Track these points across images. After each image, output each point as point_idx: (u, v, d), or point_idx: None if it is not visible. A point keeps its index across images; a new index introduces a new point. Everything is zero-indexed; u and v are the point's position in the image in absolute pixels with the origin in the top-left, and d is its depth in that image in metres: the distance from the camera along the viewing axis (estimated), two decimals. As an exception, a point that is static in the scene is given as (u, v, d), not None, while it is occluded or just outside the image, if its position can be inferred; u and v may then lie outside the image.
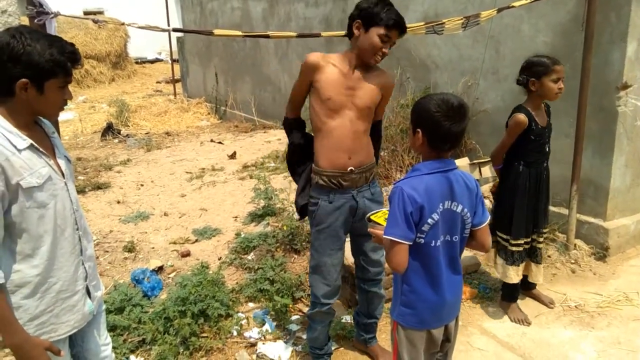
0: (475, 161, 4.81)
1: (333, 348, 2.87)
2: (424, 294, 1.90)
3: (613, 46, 3.73)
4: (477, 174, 4.75)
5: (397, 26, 2.28)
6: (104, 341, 1.97)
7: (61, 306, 1.71)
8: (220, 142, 7.58)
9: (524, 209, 3.06)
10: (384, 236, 1.81)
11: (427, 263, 1.88)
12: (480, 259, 3.80)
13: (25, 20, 2.55)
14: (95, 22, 2.46)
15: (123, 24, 2.93)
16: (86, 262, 1.81)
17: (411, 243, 1.81)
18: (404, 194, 1.77)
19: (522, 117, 2.93)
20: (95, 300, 1.87)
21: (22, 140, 1.58)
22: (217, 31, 2.82)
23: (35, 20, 2.22)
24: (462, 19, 3.22)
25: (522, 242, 3.11)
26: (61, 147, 1.80)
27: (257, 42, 8.31)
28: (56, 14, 2.31)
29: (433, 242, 1.85)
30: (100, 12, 18.46)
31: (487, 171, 4.77)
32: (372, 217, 2.04)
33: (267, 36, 2.96)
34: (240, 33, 2.99)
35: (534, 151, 3.03)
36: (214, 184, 5.49)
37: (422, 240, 1.84)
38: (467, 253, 3.83)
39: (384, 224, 1.89)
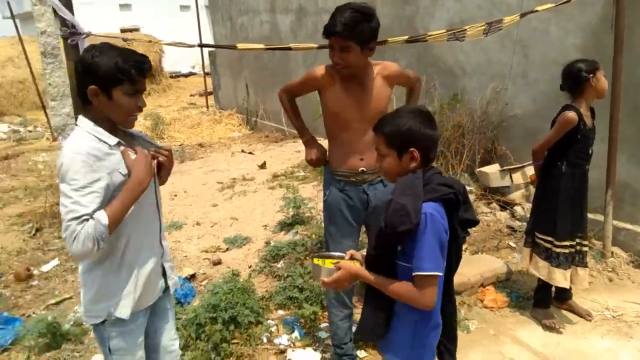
0: (505, 167, 4.74)
1: (361, 354, 2.88)
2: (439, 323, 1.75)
3: (646, 46, 3.63)
4: (507, 180, 4.68)
5: (325, 32, 2.24)
6: (172, 336, 2.11)
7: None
8: (250, 153, 7.71)
9: (568, 210, 2.99)
10: (427, 273, 1.55)
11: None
12: (512, 266, 3.73)
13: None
14: (124, 40, 2.58)
15: (150, 41, 3.05)
16: (163, 240, 1.96)
17: None
18: (435, 221, 1.55)
19: (572, 115, 2.88)
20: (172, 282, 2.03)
21: (111, 138, 1.73)
22: (240, 45, 2.89)
23: (69, 41, 2.33)
24: (483, 25, 3.20)
25: (567, 244, 3.03)
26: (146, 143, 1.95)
27: (286, 53, 8.44)
28: (88, 34, 2.42)
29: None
30: (137, 29, 19.15)
31: (519, 177, 4.69)
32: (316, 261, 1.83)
33: (289, 48, 3.02)
34: (262, 46, 3.05)
35: (579, 151, 2.98)
36: (245, 194, 5.59)
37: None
38: (498, 261, 3.77)
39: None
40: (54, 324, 3.05)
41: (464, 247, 4.02)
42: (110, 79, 1.67)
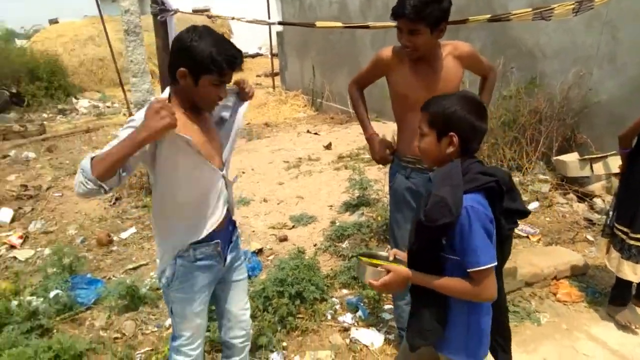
0: (586, 157, 4.48)
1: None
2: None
3: None
4: (587, 170, 4.43)
5: (393, 14, 2.14)
6: (244, 306, 2.22)
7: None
8: (316, 133, 7.76)
9: None
10: (483, 267, 1.51)
11: None
12: (589, 260, 3.55)
13: (144, 19, 2.80)
14: (209, 17, 2.66)
15: (233, 18, 3.13)
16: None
17: None
18: (478, 212, 1.51)
19: None
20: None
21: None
22: (318, 23, 2.90)
23: (158, 17, 2.42)
24: (573, 4, 3.00)
25: None
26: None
27: (353, 34, 8.36)
28: (176, 11, 2.51)
29: None
30: (207, 10, 19.63)
31: (600, 168, 4.42)
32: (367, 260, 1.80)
33: (367, 27, 2.99)
34: (340, 24, 3.04)
35: None
36: (310, 174, 5.65)
37: None
38: (574, 254, 3.60)
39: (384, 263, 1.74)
40: (132, 287, 3.25)
41: (536, 239, 3.87)
42: (201, 67, 1.69)
